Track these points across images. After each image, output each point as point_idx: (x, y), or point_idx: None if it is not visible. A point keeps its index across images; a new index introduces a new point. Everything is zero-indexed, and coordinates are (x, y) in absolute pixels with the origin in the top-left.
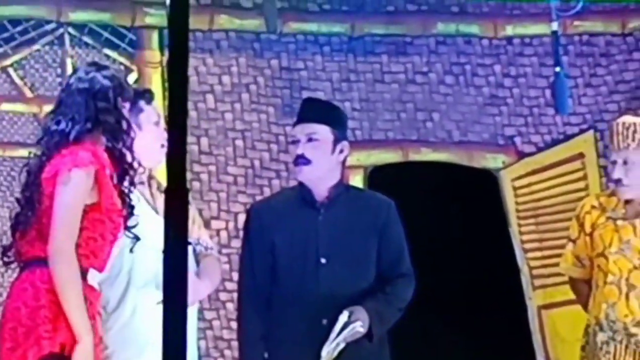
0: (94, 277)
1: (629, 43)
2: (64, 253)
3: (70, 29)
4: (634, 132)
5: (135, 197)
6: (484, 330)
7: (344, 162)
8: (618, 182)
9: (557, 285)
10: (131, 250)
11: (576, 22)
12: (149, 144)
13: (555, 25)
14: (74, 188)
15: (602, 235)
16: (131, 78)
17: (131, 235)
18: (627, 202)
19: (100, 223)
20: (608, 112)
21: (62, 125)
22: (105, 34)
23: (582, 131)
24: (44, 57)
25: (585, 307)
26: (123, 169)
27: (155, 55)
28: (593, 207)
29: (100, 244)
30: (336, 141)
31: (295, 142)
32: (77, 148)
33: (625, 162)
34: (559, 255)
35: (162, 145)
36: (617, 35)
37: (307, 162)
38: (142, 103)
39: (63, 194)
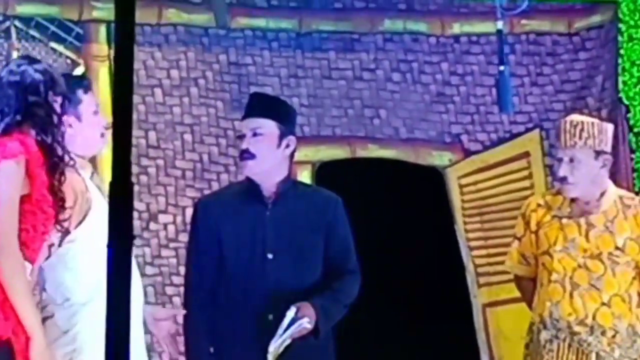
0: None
1: (575, 43)
2: (9, 247)
3: (17, 22)
4: (581, 130)
5: (95, 191)
6: (428, 328)
7: (291, 157)
8: (563, 180)
9: (501, 284)
10: (59, 245)
11: (523, 21)
12: (89, 134)
13: (500, 24)
14: (6, 180)
15: (547, 233)
16: (78, 72)
17: (61, 229)
18: (572, 200)
19: (32, 214)
20: (554, 111)
21: None
22: (52, 28)
23: (528, 130)
24: None
25: (530, 305)
26: (53, 162)
27: (102, 49)
28: (539, 205)
29: (32, 235)
30: (282, 136)
31: (241, 136)
32: (5, 139)
33: (571, 160)
34: (504, 254)
35: (102, 135)
36: (564, 34)
37: (252, 156)
38: (80, 92)
39: None
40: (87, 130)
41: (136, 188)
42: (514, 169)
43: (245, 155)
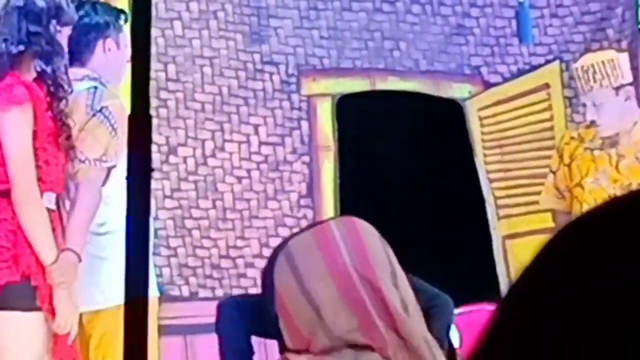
0: (49, 199)
1: None
2: (30, 198)
3: None
4: (594, 73)
5: None
6: (448, 260)
7: None
8: (593, 123)
9: (521, 215)
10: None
11: None
12: (120, 63)
13: None
14: (17, 127)
15: (579, 165)
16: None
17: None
18: None
19: (42, 151)
20: (574, 43)
21: None
22: None
23: (547, 62)
24: None
25: None
26: (56, 92)
27: None
28: (572, 138)
29: (46, 170)
30: None
31: None
32: (11, 81)
33: (594, 104)
34: (523, 185)
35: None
36: None
37: None
38: (122, 21)
39: (9, 137)
40: (120, 60)
41: (155, 121)
42: (534, 100)
43: None
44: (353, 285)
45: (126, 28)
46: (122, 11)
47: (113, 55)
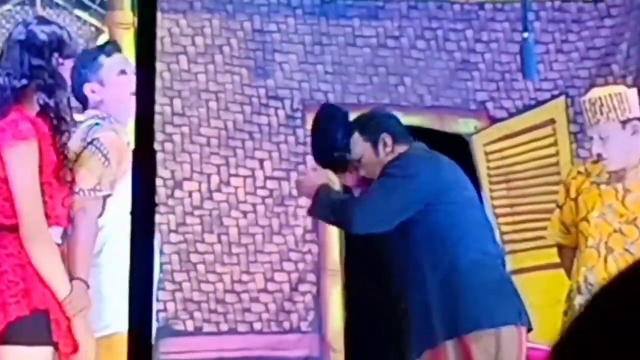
0: (56, 234)
1: (600, 9)
2: (40, 233)
3: None
4: (601, 106)
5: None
6: None
7: None
8: (599, 156)
9: (528, 251)
10: (104, 203)
11: None
12: (117, 95)
13: None
14: (24, 164)
15: (585, 200)
16: (102, 39)
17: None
18: None
19: (48, 185)
20: (579, 78)
21: (1, 80)
22: None
23: (553, 97)
24: (14, 16)
25: (569, 273)
26: (58, 125)
27: (127, 16)
28: (579, 172)
29: (51, 204)
30: None
31: None
32: (16, 116)
33: (600, 137)
34: (530, 221)
35: (132, 93)
36: (589, 1)
37: None
38: (101, 58)
39: (16, 173)
40: (114, 92)
41: (161, 155)
42: (540, 136)
43: None
44: None
45: (112, 58)
46: (105, 44)
47: (100, 94)
